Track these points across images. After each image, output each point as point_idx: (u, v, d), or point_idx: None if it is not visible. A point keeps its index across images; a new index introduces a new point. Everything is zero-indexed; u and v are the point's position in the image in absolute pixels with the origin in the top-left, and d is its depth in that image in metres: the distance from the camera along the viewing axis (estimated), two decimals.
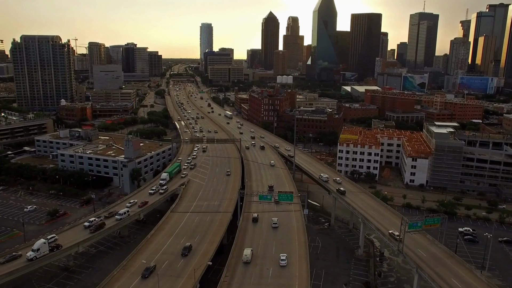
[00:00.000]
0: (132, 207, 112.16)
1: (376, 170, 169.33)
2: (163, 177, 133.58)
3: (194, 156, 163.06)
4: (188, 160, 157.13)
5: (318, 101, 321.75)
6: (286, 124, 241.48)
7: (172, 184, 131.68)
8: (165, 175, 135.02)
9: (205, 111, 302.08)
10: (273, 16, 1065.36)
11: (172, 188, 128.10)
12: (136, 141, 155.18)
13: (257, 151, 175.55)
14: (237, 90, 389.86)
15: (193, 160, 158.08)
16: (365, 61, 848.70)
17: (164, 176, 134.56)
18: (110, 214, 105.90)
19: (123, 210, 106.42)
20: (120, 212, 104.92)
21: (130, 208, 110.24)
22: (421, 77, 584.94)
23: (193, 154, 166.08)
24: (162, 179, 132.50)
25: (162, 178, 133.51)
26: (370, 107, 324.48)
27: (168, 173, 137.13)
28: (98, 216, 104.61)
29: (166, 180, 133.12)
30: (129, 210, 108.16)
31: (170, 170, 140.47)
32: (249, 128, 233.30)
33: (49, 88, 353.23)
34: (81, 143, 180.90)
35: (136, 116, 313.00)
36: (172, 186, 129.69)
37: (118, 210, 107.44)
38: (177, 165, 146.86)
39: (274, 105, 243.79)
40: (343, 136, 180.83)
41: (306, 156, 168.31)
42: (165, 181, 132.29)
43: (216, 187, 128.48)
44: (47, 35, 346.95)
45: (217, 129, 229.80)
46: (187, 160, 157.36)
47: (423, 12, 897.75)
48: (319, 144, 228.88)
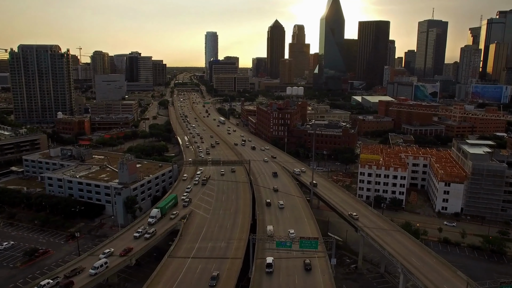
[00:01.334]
0: (114, 252, 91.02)
1: (403, 196, 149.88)
2: (153, 214, 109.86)
3: (196, 182, 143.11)
4: (187, 189, 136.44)
5: (330, 113, 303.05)
6: (297, 139, 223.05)
7: (164, 224, 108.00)
8: (155, 211, 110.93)
9: (211, 125, 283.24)
10: (279, 24, 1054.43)
11: (164, 228, 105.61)
12: (131, 164, 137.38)
13: (268, 172, 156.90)
14: (243, 101, 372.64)
15: (194, 188, 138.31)
16: (372, 70, 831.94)
17: (154, 213, 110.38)
18: (71, 273, 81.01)
19: (99, 262, 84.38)
20: (95, 265, 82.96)
21: (111, 254, 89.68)
22: (433, 86, 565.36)
23: (195, 180, 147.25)
24: (152, 217, 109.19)
25: (151, 215, 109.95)
26: (385, 120, 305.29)
27: (159, 208, 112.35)
28: (53, 278, 78.86)
29: (156, 218, 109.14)
30: (107, 262, 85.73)
31: (162, 204, 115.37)
32: (258, 145, 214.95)
33: (47, 100, 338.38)
34: (73, 163, 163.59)
35: (137, 129, 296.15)
36: (163, 226, 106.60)
37: (84, 267, 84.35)
38: (173, 197, 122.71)
39: (284, 119, 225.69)
40: (364, 156, 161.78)
41: (324, 181, 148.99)
42: (154, 219, 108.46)
43: (223, 222, 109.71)
44: (46, 44, 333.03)
45: (225, 147, 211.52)
46: (187, 189, 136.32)
47: (432, 19, 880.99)
48: (334, 162, 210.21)
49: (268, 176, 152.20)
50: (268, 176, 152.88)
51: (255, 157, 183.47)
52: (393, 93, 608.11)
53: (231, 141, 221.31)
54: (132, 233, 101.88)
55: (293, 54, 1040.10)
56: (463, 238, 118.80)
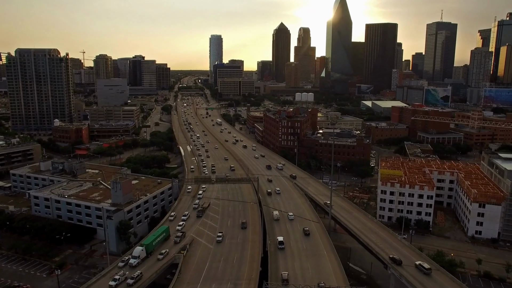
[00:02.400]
0: None
1: (429, 217, 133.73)
2: (135, 254, 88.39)
3: (197, 204, 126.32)
4: (184, 217, 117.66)
5: (341, 120, 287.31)
6: (308, 150, 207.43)
7: (151, 265, 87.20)
8: (139, 250, 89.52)
9: (217, 135, 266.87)
10: (284, 27, 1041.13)
11: (153, 269, 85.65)
12: (126, 182, 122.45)
13: (278, 189, 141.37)
14: (249, 106, 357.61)
15: (192, 214, 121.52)
16: (380, 73, 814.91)
17: (137, 252, 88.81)
18: None
19: None
20: None
21: None
22: (445, 90, 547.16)
23: (197, 198, 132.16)
24: (134, 257, 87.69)
25: (133, 255, 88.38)
26: (399, 127, 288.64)
27: (145, 246, 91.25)
28: None
29: (140, 259, 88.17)
30: None
31: (148, 240, 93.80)
32: (265, 155, 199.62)
33: (46, 106, 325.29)
34: (64, 179, 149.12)
35: (138, 137, 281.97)
36: (151, 268, 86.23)
37: None
38: (163, 230, 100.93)
39: (294, 128, 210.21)
40: (384, 171, 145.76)
41: (341, 200, 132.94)
42: (137, 260, 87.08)
43: (229, 255, 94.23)
44: (44, 48, 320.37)
45: (232, 161, 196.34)
46: (183, 216, 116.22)
47: (440, 22, 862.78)
48: (347, 175, 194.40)
49: (278, 195, 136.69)
50: (279, 195, 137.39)
51: (261, 168, 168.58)
52: (403, 97, 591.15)
53: (237, 152, 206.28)
54: (108, 281, 78.98)
55: (298, 57, 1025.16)
56: (508, 272, 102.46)
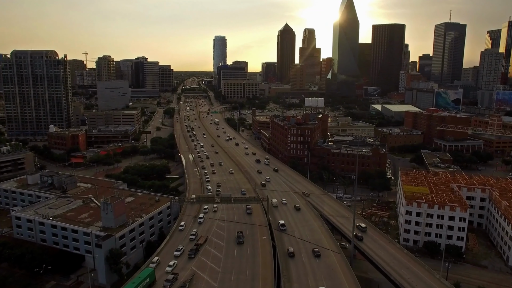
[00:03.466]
0: None
1: (462, 242, 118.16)
2: None
3: (194, 234, 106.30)
4: (193, 234, 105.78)
5: (352, 126, 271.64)
6: (319, 160, 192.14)
7: None
8: None
9: (221, 142, 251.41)
10: (289, 28, 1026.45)
11: None
12: (118, 203, 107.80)
13: (291, 211, 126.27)
14: (254, 110, 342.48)
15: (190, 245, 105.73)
16: (387, 75, 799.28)
17: None
18: None
19: None
20: None
21: None
22: (455, 93, 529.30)
23: (197, 221, 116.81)
24: None
25: None
26: (413, 133, 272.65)
27: None
28: None
29: None
30: None
31: None
32: (271, 165, 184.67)
33: (43, 110, 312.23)
34: (52, 195, 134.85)
35: (138, 143, 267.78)
36: None
37: None
38: (147, 274, 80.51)
39: (304, 137, 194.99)
40: (409, 188, 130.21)
41: (361, 221, 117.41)
42: None
43: None
44: (41, 50, 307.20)
45: (237, 172, 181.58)
46: (176, 252, 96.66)
47: (449, 22, 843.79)
48: (362, 188, 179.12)
49: (291, 216, 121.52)
50: (291, 215, 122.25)
51: (271, 182, 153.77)
52: (412, 100, 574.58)
53: (243, 162, 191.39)
54: None
55: (303, 58, 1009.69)
56: None
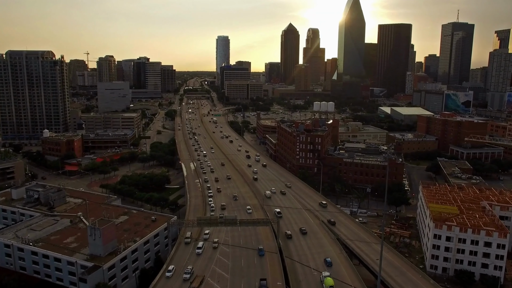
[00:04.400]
0: None
1: (499, 272, 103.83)
2: None
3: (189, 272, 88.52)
4: (187, 272, 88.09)
5: (363, 131, 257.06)
6: (331, 170, 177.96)
7: None
8: None
9: (224, 149, 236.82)
10: (293, 28, 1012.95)
11: None
12: (107, 228, 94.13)
13: (302, 233, 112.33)
14: (259, 114, 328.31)
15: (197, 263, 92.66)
16: (393, 76, 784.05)
17: None
18: None
19: None
20: None
21: None
22: (466, 95, 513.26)
23: (196, 252, 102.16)
24: None
25: None
26: (427, 139, 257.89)
27: None
28: None
29: None
30: None
31: None
32: (277, 176, 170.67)
33: (38, 113, 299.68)
34: (38, 212, 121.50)
35: (136, 149, 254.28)
36: None
37: None
38: None
39: (314, 145, 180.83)
40: (435, 208, 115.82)
41: (382, 244, 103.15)
42: None
43: None
44: (37, 50, 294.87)
45: (240, 182, 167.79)
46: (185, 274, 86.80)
47: (456, 22, 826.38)
48: (378, 201, 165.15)
49: (304, 241, 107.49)
50: (303, 239, 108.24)
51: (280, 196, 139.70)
52: (420, 102, 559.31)
53: (249, 172, 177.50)
54: None
55: (307, 59, 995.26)
56: None
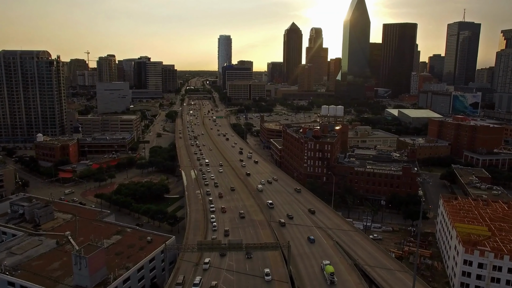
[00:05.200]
0: None
1: None
2: None
3: None
4: None
5: (372, 136, 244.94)
6: (341, 179, 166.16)
7: None
8: None
9: (227, 154, 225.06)
10: (296, 27, 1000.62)
11: None
12: (95, 256, 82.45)
13: (317, 256, 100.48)
14: (262, 116, 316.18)
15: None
16: (397, 76, 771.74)
17: None
18: None
19: None
20: None
21: None
22: (474, 96, 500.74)
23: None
24: None
25: None
26: (440, 144, 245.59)
27: None
28: None
29: None
30: None
31: None
32: (285, 188, 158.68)
33: (34, 115, 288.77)
34: (21, 231, 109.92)
35: (135, 154, 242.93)
36: None
37: None
38: None
39: (323, 152, 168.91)
40: (463, 228, 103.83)
41: (403, 273, 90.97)
42: None
43: None
44: (32, 50, 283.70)
45: (245, 194, 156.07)
46: None
47: (463, 22, 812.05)
48: (391, 213, 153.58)
49: (317, 267, 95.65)
50: (317, 265, 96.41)
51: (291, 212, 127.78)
52: (427, 104, 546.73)
53: (253, 182, 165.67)
54: None
55: (310, 58, 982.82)
56: None
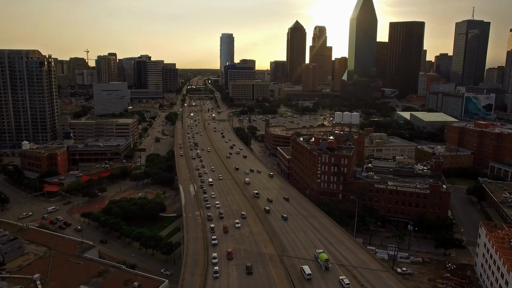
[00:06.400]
0: None
1: None
2: None
3: None
4: None
5: (388, 144, 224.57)
6: (360, 196, 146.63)
7: None
8: None
9: (230, 166, 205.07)
10: (299, 25, 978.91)
11: None
12: None
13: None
14: (267, 121, 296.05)
15: None
16: (404, 76, 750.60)
17: None
18: None
19: None
20: None
21: None
22: (487, 98, 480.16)
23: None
24: None
25: None
26: (462, 153, 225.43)
27: None
28: None
29: None
30: None
31: None
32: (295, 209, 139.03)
33: (23, 119, 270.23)
34: None
35: (130, 162, 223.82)
36: None
37: None
38: None
39: (338, 167, 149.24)
40: None
41: None
42: None
43: None
44: (21, 50, 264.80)
45: (253, 221, 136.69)
46: None
47: (471, 20, 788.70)
48: (418, 237, 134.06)
49: None
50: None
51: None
52: (437, 105, 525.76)
53: (259, 201, 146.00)
54: None
55: (314, 57, 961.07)
56: None
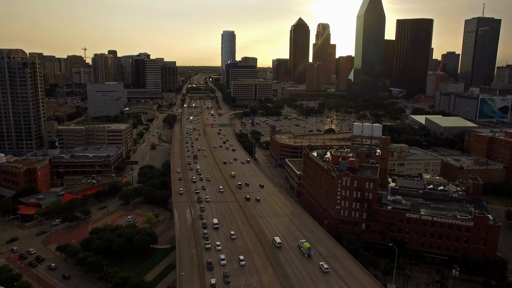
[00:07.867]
0: None
1: None
2: None
3: None
4: None
5: (411, 157, 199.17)
6: (387, 226, 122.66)
7: None
8: None
9: (234, 186, 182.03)
10: (303, 23, 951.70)
11: None
12: None
13: None
14: (273, 127, 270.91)
15: None
16: (411, 75, 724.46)
17: None
18: None
19: None
20: None
21: None
22: (503, 99, 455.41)
23: None
24: None
25: None
26: (493, 167, 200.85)
27: None
28: None
29: None
30: None
31: None
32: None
33: (6, 125, 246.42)
34: None
35: (120, 177, 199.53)
36: None
37: None
38: None
39: (362, 191, 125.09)
40: None
41: None
42: None
43: None
44: (2, 49, 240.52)
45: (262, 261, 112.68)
46: None
47: (481, 17, 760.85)
48: (461, 281, 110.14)
49: None
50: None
51: None
52: (449, 107, 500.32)
53: (267, 229, 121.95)
54: None
55: (317, 55, 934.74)
56: None
